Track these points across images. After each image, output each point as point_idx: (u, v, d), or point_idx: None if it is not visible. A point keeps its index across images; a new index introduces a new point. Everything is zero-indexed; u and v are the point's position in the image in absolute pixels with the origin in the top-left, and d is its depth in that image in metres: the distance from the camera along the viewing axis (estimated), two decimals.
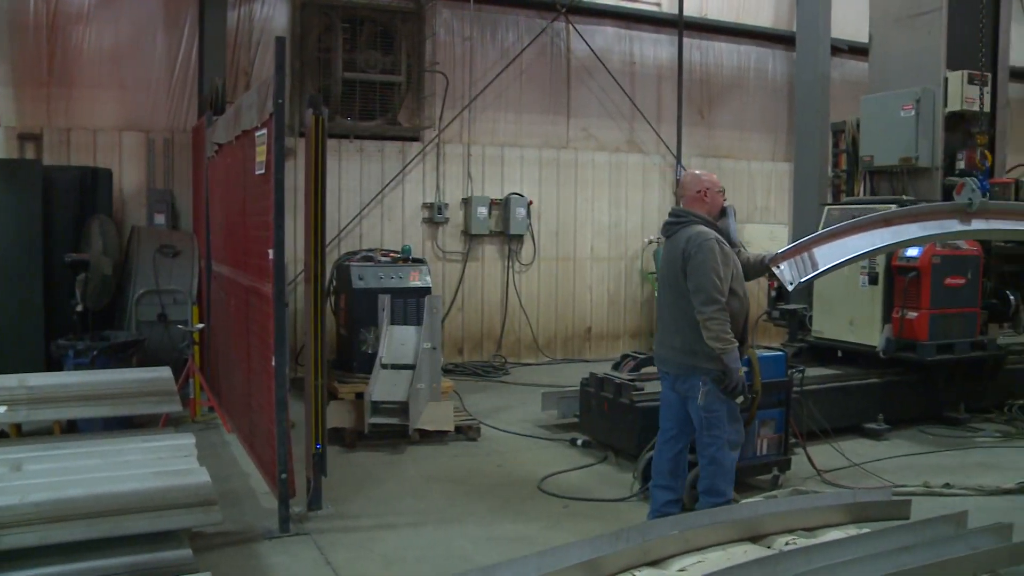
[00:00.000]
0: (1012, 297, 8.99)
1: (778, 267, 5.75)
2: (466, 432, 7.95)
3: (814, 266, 6.97)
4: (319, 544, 5.35)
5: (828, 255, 7.23)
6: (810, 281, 7.06)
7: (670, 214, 5.68)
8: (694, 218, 5.47)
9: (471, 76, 11.81)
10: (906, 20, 9.29)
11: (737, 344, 5.27)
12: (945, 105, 8.95)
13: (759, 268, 5.79)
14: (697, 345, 5.27)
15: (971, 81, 8.87)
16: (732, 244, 5.54)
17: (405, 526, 5.73)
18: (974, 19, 9.24)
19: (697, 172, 5.76)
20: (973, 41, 9.22)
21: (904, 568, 4.36)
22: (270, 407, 5.61)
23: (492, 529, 5.70)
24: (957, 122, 9.08)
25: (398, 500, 6.26)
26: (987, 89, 9.05)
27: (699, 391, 5.31)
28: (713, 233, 5.39)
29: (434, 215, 11.52)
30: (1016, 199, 9.01)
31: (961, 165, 9.00)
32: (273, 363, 5.51)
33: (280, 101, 5.41)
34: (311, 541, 5.39)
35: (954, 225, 7.85)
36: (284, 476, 5.47)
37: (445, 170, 11.67)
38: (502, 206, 11.91)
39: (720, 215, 5.59)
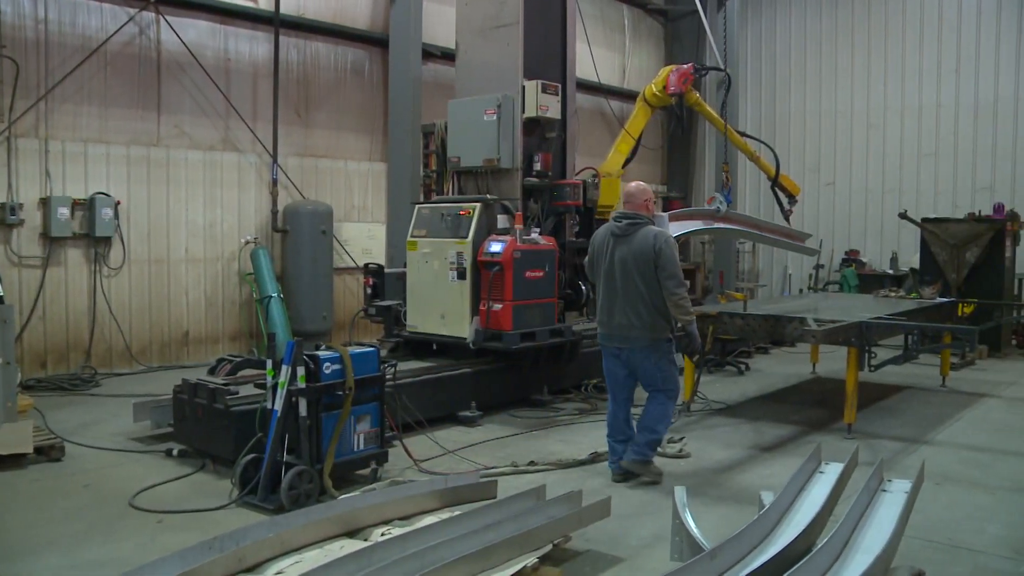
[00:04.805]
0: (584, 287, 9.98)
1: None
2: (48, 453, 7.31)
3: None
4: None
5: None
6: None
7: (626, 217, 6.83)
8: (647, 220, 6.80)
9: (47, 64, 10.84)
10: (488, 31, 9.92)
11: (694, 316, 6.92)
12: (523, 111, 9.68)
13: None
14: (657, 320, 6.69)
15: (545, 90, 9.71)
16: None
17: None
18: (546, 35, 10.17)
19: (633, 186, 6.94)
20: (546, 54, 10.13)
21: (490, 544, 4.74)
22: None
23: (77, 556, 5.32)
24: (534, 127, 9.86)
25: None
26: (558, 98, 9.98)
27: (653, 358, 6.75)
28: (668, 232, 6.85)
29: (7, 216, 10.42)
30: (584, 198, 10.03)
31: (538, 167, 9.77)
32: None
33: None
34: None
35: (711, 223, 11.92)
36: None
37: (19, 167, 10.60)
38: (86, 206, 11.08)
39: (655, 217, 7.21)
